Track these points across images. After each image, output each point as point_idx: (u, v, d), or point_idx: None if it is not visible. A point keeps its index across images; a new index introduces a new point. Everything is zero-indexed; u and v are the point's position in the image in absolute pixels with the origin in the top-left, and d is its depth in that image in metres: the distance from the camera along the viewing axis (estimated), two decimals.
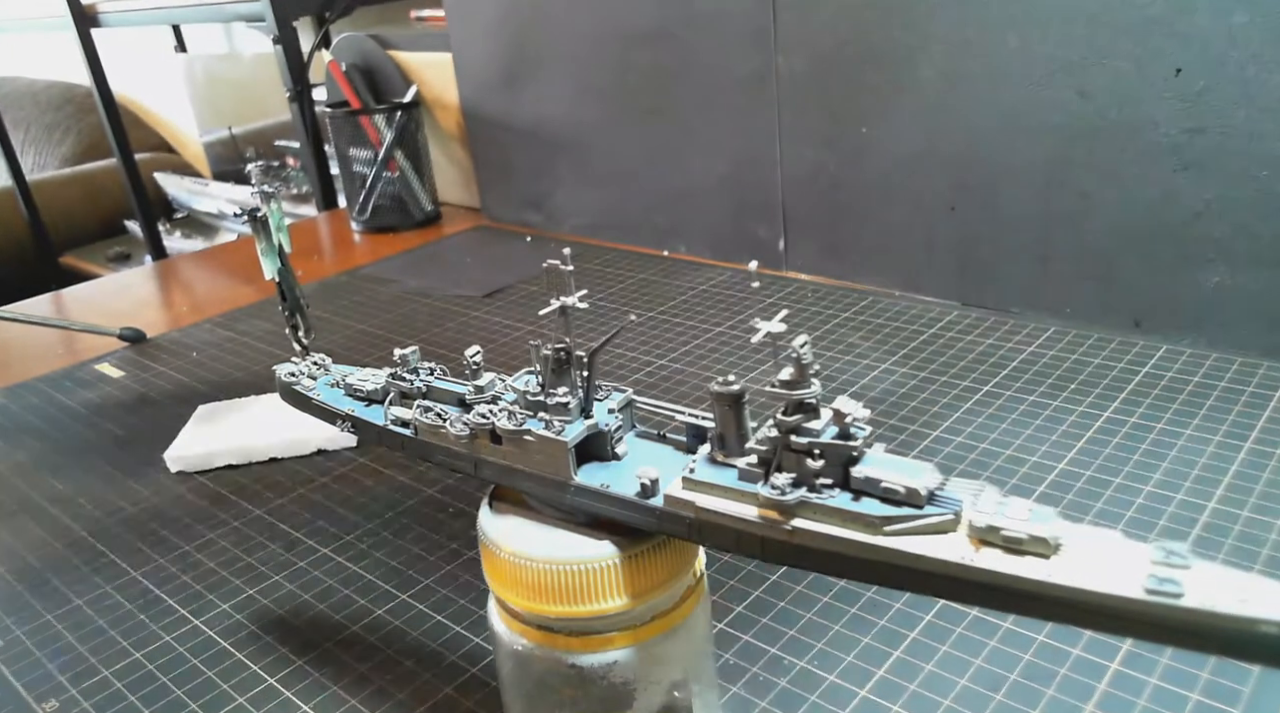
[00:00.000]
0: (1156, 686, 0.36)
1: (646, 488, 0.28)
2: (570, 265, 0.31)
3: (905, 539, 0.26)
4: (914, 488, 0.26)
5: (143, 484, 0.59)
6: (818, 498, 0.27)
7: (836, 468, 0.27)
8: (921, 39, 0.68)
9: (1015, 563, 0.24)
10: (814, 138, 0.77)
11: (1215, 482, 0.48)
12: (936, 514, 0.25)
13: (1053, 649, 0.39)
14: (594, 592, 0.28)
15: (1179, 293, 0.62)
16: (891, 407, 0.58)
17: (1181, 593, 0.22)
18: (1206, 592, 0.22)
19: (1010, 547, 0.24)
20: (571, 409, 0.29)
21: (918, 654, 0.39)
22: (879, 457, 0.27)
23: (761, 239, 0.84)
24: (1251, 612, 0.22)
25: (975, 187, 0.69)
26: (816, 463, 0.27)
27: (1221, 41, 0.56)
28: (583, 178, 0.96)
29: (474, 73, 1.02)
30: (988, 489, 0.26)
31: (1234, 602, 0.22)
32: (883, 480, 0.26)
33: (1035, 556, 0.24)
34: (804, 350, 0.27)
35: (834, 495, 0.27)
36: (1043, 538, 0.24)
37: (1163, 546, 0.23)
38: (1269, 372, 0.57)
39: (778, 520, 0.27)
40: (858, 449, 0.27)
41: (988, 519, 0.25)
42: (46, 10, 1.58)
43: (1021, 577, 0.24)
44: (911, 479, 0.26)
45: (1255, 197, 0.57)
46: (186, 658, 0.43)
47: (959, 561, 0.25)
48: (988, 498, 0.25)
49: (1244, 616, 0.22)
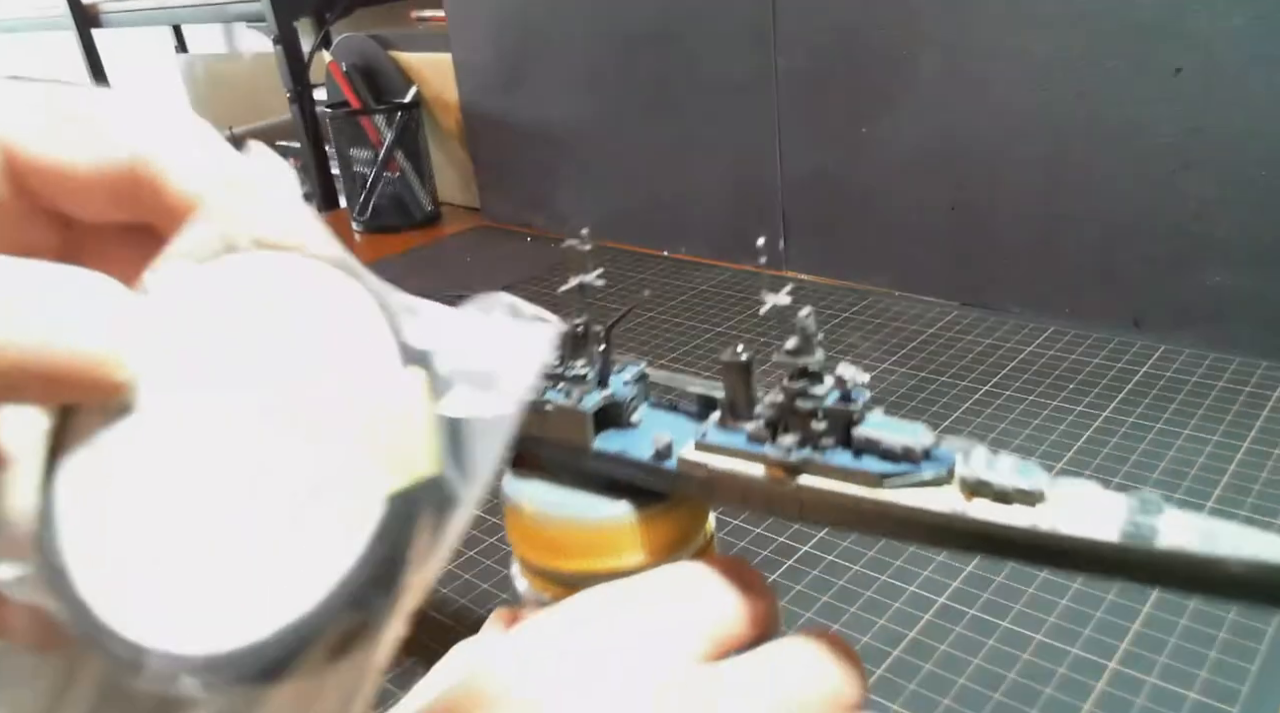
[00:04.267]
0: (1155, 685, 0.36)
1: (661, 452, 0.30)
2: (589, 245, 0.33)
3: (902, 493, 0.28)
4: (910, 446, 0.28)
5: None
6: (821, 457, 0.28)
7: (838, 429, 0.29)
8: (921, 39, 0.68)
9: (1004, 512, 0.26)
10: (814, 138, 0.78)
11: (1214, 481, 0.48)
12: (931, 470, 0.27)
13: (1052, 648, 0.39)
14: (612, 549, 0.30)
15: (1178, 292, 0.62)
16: (891, 406, 0.58)
17: (1155, 537, 0.24)
18: (1178, 535, 0.24)
19: (999, 498, 0.26)
20: (589, 380, 0.31)
21: (917, 653, 0.39)
22: (878, 419, 0.29)
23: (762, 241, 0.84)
24: (1219, 551, 0.24)
25: (975, 187, 0.69)
26: (820, 424, 0.29)
27: (1221, 42, 0.56)
28: (583, 178, 0.96)
29: (474, 73, 1.02)
30: (978, 447, 0.28)
31: (1202, 543, 0.24)
32: (881, 440, 0.28)
33: (1022, 505, 0.26)
34: (808, 321, 0.29)
35: (836, 454, 0.28)
36: (1028, 490, 0.26)
37: (1138, 495, 0.25)
38: (1267, 371, 0.57)
39: (784, 479, 0.29)
40: (858, 412, 0.29)
41: (978, 474, 0.27)
42: (46, 10, 1.58)
43: (1010, 525, 0.26)
44: (908, 439, 0.28)
45: (1255, 197, 0.57)
46: None
47: (952, 511, 0.27)
48: (978, 455, 0.27)
49: (1212, 555, 0.24)
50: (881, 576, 0.44)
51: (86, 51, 1.52)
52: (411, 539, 0.16)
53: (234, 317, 0.17)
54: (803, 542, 0.47)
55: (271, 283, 0.17)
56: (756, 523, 0.48)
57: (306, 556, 0.16)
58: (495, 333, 0.19)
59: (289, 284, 0.17)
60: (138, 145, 0.19)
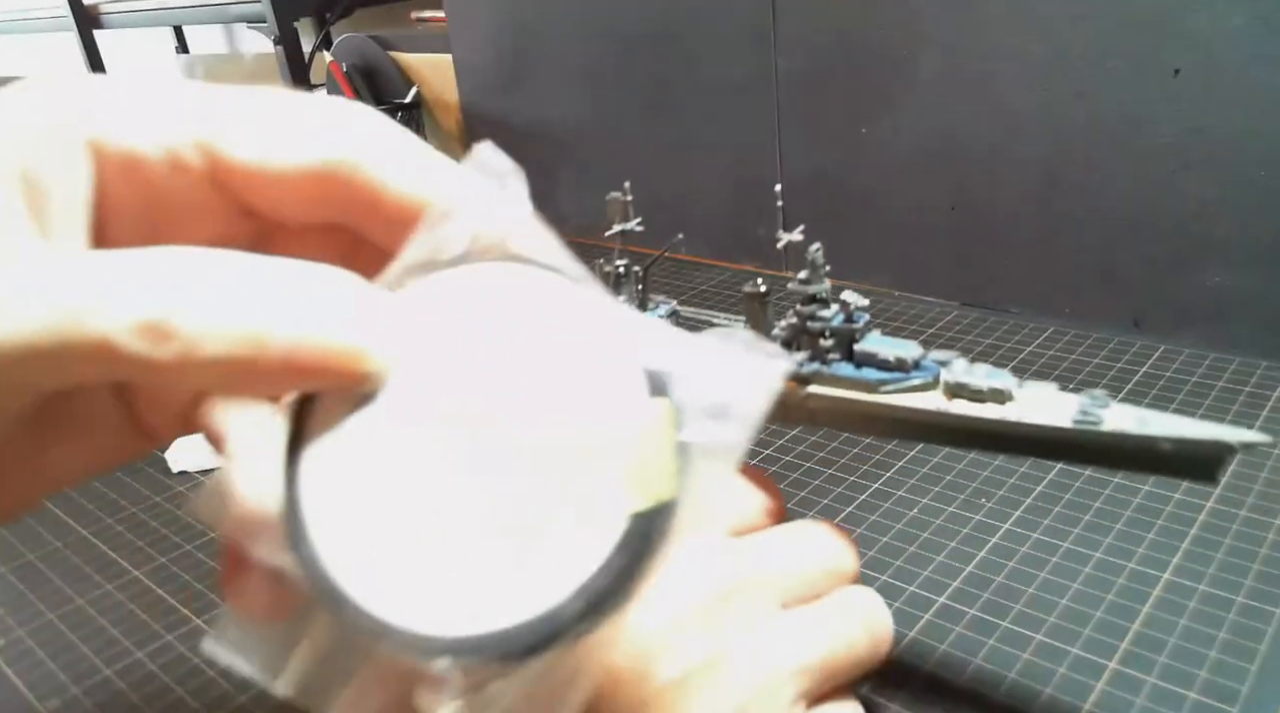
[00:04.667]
0: (1155, 685, 0.36)
1: None
2: (630, 196, 0.41)
3: (895, 396, 0.34)
4: (903, 358, 0.34)
5: (144, 483, 0.59)
6: (828, 369, 0.35)
7: (843, 346, 0.36)
8: (921, 39, 0.68)
9: (979, 409, 0.32)
10: (814, 138, 0.78)
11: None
12: (920, 377, 0.34)
13: (1051, 648, 0.39)
14: None
15: (1178, 292, 0.62)
16: None
17: (1100, 423, 0.30)
18: (1119, 422, 0.30)
19: (975, 397, 0.33)
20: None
21: (917, 653, 0.39)
22: (875, 337, 0.36)
23: (761, 239, 0.84)
24: (1151, 432, 0.29)
25: (975, 186, 0.69)
26: (827, 342, 0.36)
27: (1221, 42, 0.56)
28: (583, 178, 0.96)
29: (474, 73, 1.02)
30: (958, 359, 0.34)
31: (1138, 426, 0.30)
32: (878, 353, 0.35)
33: (994, 403, 0.32)
34: (817, 255, 0.36)
35: (840, 367, 0.35)
36: (999, 389, 0.32)
37: (1089, 393, 0.31)
38: (1267, 371, 0.57)
39: (796, 388, 0.36)
40: (859, 331, 0.36)
41: (958, 378, 0.33)
42: (47, 10, 1.58)
43: (983, 418, 0.32)
44: (901, 352, 0.34)
45: (1255, 197, 0.57)
46: (189, 658, 0.43)
47: (936, 409, 0.33)
48: (958, 364, 0.34)
49: (1146, 435, 0.29)
50: (882, 576, 0.44)
51: (87, 52, 1.52)
52: (648, 555, 0.17)
53: (481, 321, 0.18)
54: None
55: (514, 292, 0.18)
56: None
57: (551, 557, 0.17)
58: (731, 364, 0.19)
59: (532, 294, 0.18)
60: (346, 151, 0.19)
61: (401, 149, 0.20)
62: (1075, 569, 0.43)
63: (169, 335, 0.16)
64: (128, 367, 0.16)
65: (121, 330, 0.15)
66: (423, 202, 0.20)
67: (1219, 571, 0.42)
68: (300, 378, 0.17)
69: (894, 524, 0.47)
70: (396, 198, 0.19)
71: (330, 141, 0.20)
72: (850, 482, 0.51)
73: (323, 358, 0.17)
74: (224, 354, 0.16)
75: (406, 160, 0.20)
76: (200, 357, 0.16)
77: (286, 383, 0.18)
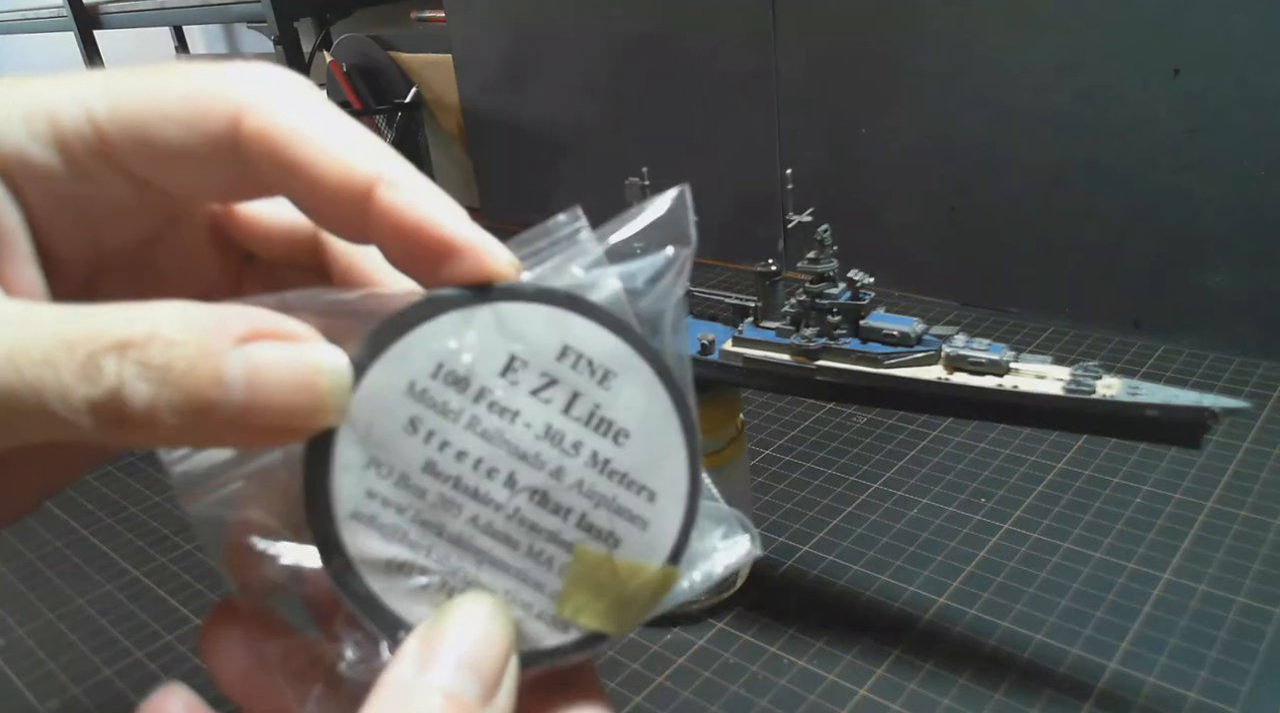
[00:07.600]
0: (1155, 685, 0.36)
1: (706, 346, 0.40)
2: (647, 182, 0.45)
3: (899, 369, 0.36)
4: (906, 332, 0.36)
5: (144, 483, 0.59)
6: (835, 344, 0.37)
7: (850, 322, 0.37)
8: (922, 39, 0.68)
9: (978, 380, 0.34)
10: (814, 138, 0.78)
11: (1213, 481, 0.48)
12: (922, 351, 0.36)
13: (1051, 648, 0.39)
14: None
15: (1178, 293, 0.62)
16: None
17: (1091, 391, 0.32)
18: (1109, 390, 0.32)
19: (974, 369, 0.35)
20: None
21: (917, 653, 0.39)
22: (880, 313, 0.38)
23: (761, 239, 0.84)
24: (1139, 399, 0.31)
25: (975, 187, 0.69)
26: (835, 318, 0.37)
27: (1220, 42, 0.56)
28: (583, 178, 0.96)
29: (474, 73, 1.02)
30: (959, 334, 0.36)
31: (1127, 395, 0.32)
32: (883, 328, 0.37)
33: (992, 375, 0.34)
34: (826, 235, 0.40)
35: (847, 341, 0.37)
36: (997, 361, 0.34)
37: (1081, 364, 0.34)
38: (1267, 371, 0.57)
39: (806, 362, 0.38)
40: (865, 308, 0.38)
41: (958, 351, 0.35)
42: (47, 10, 1.58)
43: (982, 387, 0.34)
44: (904, 327, 0.36)
45: (1255, 197, 0.57)
46: (189, 657, 0.43)
47: (938, 380, 0.35)
48: (958, 339, 0.36)
49: (1134, 402, 0.31)
50: (882, 576, 0.44)
51: (87, 52, 1.52)
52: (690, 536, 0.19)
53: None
54: (803, 542, 0.47)
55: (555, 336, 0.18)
56: (758, 525, 0.48)
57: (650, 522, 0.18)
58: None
59: (577, 340, 0.18)
60: (250, 119, 0.18)
61: (311, 112, 0.18)
62: (1075, 569, 0.43)
63: (123, 419, 0.15)
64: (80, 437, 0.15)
65: (78, 413, 0.15)
66: (348, 171, 0.18)
67: (1219, 570, 0.42)
68: (262, 438, 0.17)
69: (894, 524, 0.47)
70: (312, 164, 0.18)
71: (227, 107, 0.17)
72: (851, 482, 0.51)
73: (275, 421, 0.16)
74: (176, 430, 0.16)
75: (318, 125, 0.18)
76: (154, 437, 0.16)
77: (248, 444, 0.17)
